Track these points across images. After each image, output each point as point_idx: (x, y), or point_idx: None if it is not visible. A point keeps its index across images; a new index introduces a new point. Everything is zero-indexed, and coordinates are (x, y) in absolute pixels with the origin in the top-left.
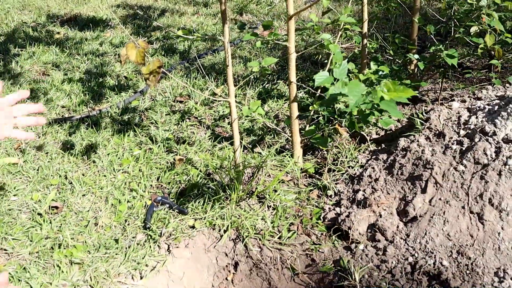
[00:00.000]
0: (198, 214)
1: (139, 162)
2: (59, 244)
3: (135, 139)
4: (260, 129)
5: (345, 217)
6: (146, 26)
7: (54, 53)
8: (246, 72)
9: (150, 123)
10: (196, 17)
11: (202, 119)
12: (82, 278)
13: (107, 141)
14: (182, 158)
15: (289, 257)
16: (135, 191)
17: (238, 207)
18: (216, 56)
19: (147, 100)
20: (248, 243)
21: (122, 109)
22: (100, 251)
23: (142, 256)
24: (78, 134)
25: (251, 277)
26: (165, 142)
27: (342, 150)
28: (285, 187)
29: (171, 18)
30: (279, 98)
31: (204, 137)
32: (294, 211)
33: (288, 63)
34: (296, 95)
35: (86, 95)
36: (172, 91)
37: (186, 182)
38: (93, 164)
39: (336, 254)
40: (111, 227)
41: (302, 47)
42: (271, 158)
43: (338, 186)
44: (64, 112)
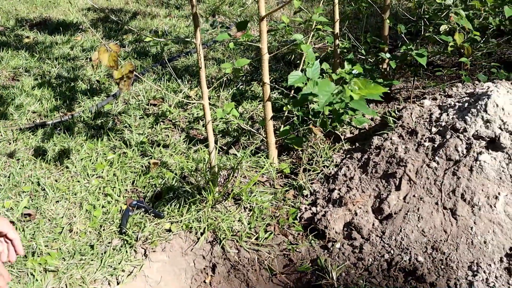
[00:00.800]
0: (174, 218)
1: (113, 167)
2: (33, 252)
3: (108, 143)
4: (235, 131)
5: (321, 216)
6: (118, 29)
7: (24, 58)
8: (220, 74)
9: (124, 127)
10: (169, 19)
11: (176, 122)
12: (58, 286)
13: (80, 146)
14: (157, 162)
15: (266, 258)
16: (110, 195)
17: (215, 209)
18: (189, 58)
19: (120, 104)
20: (225, 245)
21: (95, 114)
22: (75, 257)
23: (118, 261)
24: (51, 140)
25: (229, 279)
26: (139, 145)
27: (317, 150)
28: (261, 188)
29: (143, 21)
30: (253, 99)
31: (178, 139)
32: (271, 212)
33: (261, 64)
34: (270, 96)
35: (58, 100)
36: (146, 94)
37: (161, 185)
38: (66, 169)
39: (313, 254)
40: (86, 233)
41: (275, 48)
42: (246, 159)
43: (313, 186)
44: (35, 118)
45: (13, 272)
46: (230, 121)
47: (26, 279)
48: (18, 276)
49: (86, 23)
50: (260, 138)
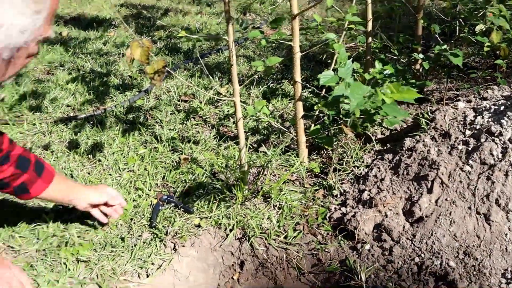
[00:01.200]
0: (204, 213)
1: (144, 161)
2: (66, 242)
3: (140, 138)
4: (265, 129)
5: (351, 217)
6: (150, 25)
7: (59, 52)
8: (251, 72)
9: (155, 122)
10: (200, 16)
11: (207, 118)
12: (89, 276)
13: (112, 140)
14: (187, 157)
15: (295, 257)
16: (141, 190)
17: (244, 206)
18: (220, 56)
19: (151, 99)
20: (254, 242)
21: (126, 108)
22: (106, 249)
23: (148, 254)
24: (84, 133)
25: (257, 276)
26: (170, 141)
27: (347, 150)
28: (290, 187)
29: (175, 18)
30: (284, 98)
31: (209, 136)
32: (300, 211)
33: (292, 63)
34: (301, 94)
35: (91, 94)
36: (177, 90)
37: (191, 181)
38: (99, 163)
39: (342, 254)
40: (117, 225)
41: (306, 47)
42: (276, 157)
43: (343, 186)
44: (69, 111)
45: (47, 261)
46: (261, 119)
47: (59, 268)
48: (51, 265)
49: (118, 19)
50: (290, 137)
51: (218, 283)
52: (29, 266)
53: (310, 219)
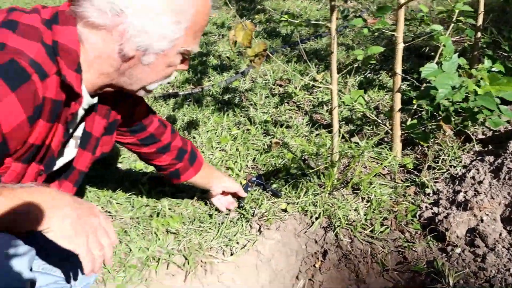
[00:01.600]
0: (291, 199)
1: (236, 142)
2: (158, 213)
3: (234, 118)
4: (359, 119)
5: (443, 217)
6: (250, 8)
7: None
8: (348, 60)
9: (249, 105)
10: (300, 2)
11: (300, 104)
12: (177, 248)
13: (207, 118)
14: (279, 142)
15: (380, 252)
16: (231, 169)
17: (332, 195)
18: (318, 42)
19: (247, 81)
20: (339, 232)
21: (223, 89)
22: (194, 224)
23: (234, 233)
24: (181, 110)
25: (339, 267)
26: (263, 124)
27: (444, 148)
28: (381, 180)
29: (275, 2)
30: (381, 89)
31: (301, 122)
32: (389, 206)
33: (394, 54)
34: (400, 87)
35: (190, 73)
36: (273, 74)
37: (281, 165)
38: (193, 139)
39: (430, 255)
40: (206, 202)
41: (408, 38)
42: (368, 149)
43: (437, 185)
44: (168, 88)
45: (140, 228)
46: (355, 109)
47: (150, 236)
48: (143, 233)
49: (221, 1)
50: (384, 130)
51: (300, 269)
52: (123, 232)
53: (399, 215)
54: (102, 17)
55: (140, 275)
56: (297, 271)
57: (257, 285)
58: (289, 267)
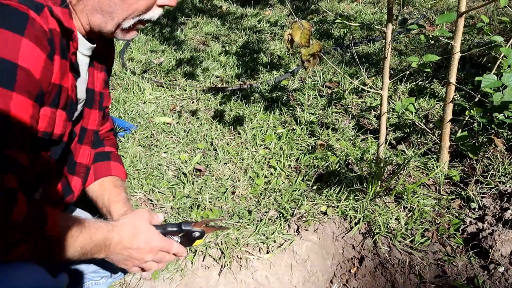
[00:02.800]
0: (332, 202)
1: (281, 141)
2: (198, 205)
3: (280, 117)
4: (408, 127)
5: (488, 234)
6: (304, 8)
7: (215, 25)
8: (400, 67)
9: (297, 104)
10: (355, 4)
11: (348, 108)
12: (214, 241)
13: (254, 115)
14: (324, 144)
15: (418, 263)
16: (273, 168)
17: (373, 202)
18: (370, 46)
19: (296, 81)
20: (378, 240)
21: (271, 87)
22: (233, 218)
23: (271, 231)
24: (228, 105)
25: (375, 275)
26: (308, 125)
27: (494, 163)
28: (425, 191)
29: (330, 3)
30: (432, 98)
31: (348, 126)
32: (431, 218)
33: (449, 63)
34: (452, 97)
35: (240, 68)
36: (322, 75)
37: (324, 167)
38: (238, 135)
39: (470, 271)
40: (246, 198)
41: (465, 47)
42: (415, 158)
43: (483, 200)
44: (217, 82)
45: (179, 219)
46: (404, 117)
47: None
48: None
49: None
50: (432, 140)
51: (335, 273)
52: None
53: (441, 228)
54: None
55: (176, 264)
56: (332, 275)
57: (290, 285)
58: (324, 270)
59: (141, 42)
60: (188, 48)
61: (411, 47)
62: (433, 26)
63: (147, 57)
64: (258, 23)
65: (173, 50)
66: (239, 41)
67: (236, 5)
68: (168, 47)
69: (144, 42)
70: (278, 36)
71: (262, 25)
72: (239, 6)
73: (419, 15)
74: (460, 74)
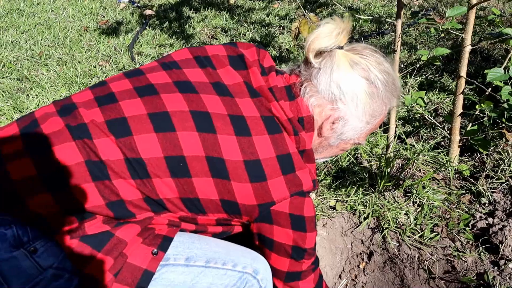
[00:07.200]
0: (341, 196)
1: None
2: None
3: None
4: (417, 121)
5: (498, 229)
6: (314, 1)
7: (224, 19)
8: (410, 60)
9: None
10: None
11: None
12: None
13: None
14: None
15: (427, 258)
16: None
17: (382, 197)
18: (380, 39)
19: None
20: (386, 235)
21: None
22: None
23: None
24: None
25: (384, 270)
26: None
27: (505, 157)
28: (434, 186)
29: None
30: (442, 92)
31: None
32: (441, 212)
33: (460, 56)
34: (462, 90)
35: None
36: None
37: (333, 162)
38: None
39: (480, 267)
40: None
41: (475, 40)
42: (424, 153)
43: (494, 195)
44: None
45: None
46: (414, 110)
47: None
48: None
49: None
50: (442, 134)
51: (343, 268)
52: None
53: (450, 223)
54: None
55: None
56: (341, 270)
57: None
58: (333, 265)
59: (149, 36)
60: (197, 41)
61: (421, 40)
62: (443, 18)
63: (156, 50)
64: (267, 16)
65: (182, 43)
66: (247, 35)
67: None
68: (177, 41)
69: (153, 36)
70: (286, 30)
71: (271, 19)
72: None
73: (429, 8)
74: (471, 68)
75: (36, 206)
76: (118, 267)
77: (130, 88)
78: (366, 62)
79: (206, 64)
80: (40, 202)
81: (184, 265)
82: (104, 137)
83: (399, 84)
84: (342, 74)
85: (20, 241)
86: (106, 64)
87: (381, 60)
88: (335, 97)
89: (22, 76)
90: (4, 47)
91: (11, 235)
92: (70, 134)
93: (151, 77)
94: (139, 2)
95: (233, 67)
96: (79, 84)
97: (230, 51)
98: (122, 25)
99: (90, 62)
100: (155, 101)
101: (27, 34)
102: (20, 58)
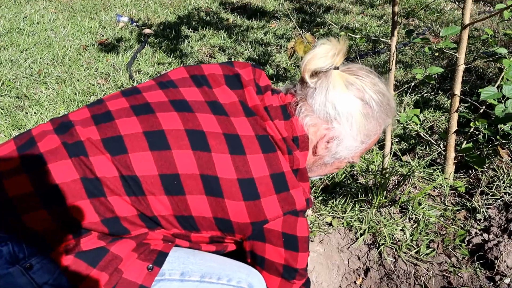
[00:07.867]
0: (337, 213)
1: None
2: None
3: None
4: (412, 138)
5: (493, 245)
6: (310, 20)
7: (222, 38)
8: (405, 78)
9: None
10: (361, 17)
11: None
12: None
13: None
14: None
15: (423, 274)
16: None
17: (378, 213)
18: (376, 58)
19: None
20: (383, 251)
21: None
22: None
23: None
24: None
25: (380, 286)
26: None
27: (499, 174)
28: (430, 202)
29: (336, 16)
30: (437, 110)
31: None
32: (437, 229)
33: (454, 75)
34: (457, 108)
35: None
36: None
37: (329, 178)
38: None
39: (476, 283)
40: None
41: (469, 59)
42: (420, 169)
43: (489, 211)
44: None
45: None
46: (409, 128)
47: None
48: None
49: (282, 12)
50: (437, 151)
51: (340, 284)
52: None
53: (446, 239)
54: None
55: None
56: (337, 286)
57: None
58: (329, 281)
59: (148, 54)
60: (195, 60)
61: (416, 59)
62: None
63: (154, 69)
64: (264, 35)
65: (180, 62)
66: (245, 53)
67: (242, 17)
68: (175, 59)
69: (151, 54)
70: (284, 49)
71: (268, 38)
72: (246, 19)
73: (424, 27)
74: (466, 86)
75: (32, 223)
76: (113, 283)
77: (127, 107)
78: (361, 83)
79: (202, 83)
80: (36, 218)
81: (179, 280)
82: (100, 155)
83: (394, 104)
84: (338, 94)
85: (16, 258)
86: (105, 82)
87: (376, 81)
88: (330, 116)
89: (21, 94)
90: (3, 65)
91: (7, 252)
92: (66, 151)
93: (147, 96)
94: (138, 21)
95: (229, 86)
96: (77, 102)
97: (226, 70)
98: (121, 43)
99: (88, 80)
100: (151, 120)
101: (27, 52)
102: (19, 76)
